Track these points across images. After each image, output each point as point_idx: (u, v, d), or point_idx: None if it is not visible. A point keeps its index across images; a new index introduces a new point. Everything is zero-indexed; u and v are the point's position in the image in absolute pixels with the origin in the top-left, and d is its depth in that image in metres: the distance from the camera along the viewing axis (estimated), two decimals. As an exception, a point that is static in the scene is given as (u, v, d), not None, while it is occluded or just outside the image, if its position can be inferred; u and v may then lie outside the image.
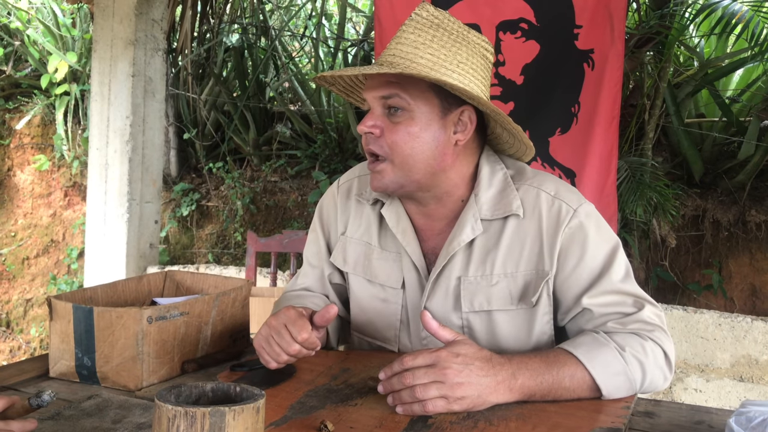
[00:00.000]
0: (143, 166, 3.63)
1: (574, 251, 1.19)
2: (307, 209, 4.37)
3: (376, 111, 1.20)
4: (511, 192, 1.23)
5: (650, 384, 1.13)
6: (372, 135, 1.20)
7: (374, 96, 1.20)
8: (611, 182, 2.87)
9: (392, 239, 1.30)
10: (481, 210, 1.22)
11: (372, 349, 1.37)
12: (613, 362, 1.09)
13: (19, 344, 4.91)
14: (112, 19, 3.56)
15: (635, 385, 1.11)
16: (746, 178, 3.39)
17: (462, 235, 1.22)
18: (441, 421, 1.00)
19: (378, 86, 1.19)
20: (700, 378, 2.67)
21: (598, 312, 1.17)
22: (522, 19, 2.89)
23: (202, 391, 0.81)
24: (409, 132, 1.17)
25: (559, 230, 1.19)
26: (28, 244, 5.13)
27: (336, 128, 4.32)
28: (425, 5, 1.20)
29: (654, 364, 1.13)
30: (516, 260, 1.21)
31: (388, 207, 1.29)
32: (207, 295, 1.30)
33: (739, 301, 3.43)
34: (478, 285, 1.22)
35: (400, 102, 1.17)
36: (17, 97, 5.28)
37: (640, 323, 1.15)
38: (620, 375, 1.09)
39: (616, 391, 1.10)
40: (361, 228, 1.35)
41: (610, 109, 2.86)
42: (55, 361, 1.20)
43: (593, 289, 1.18)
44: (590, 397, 1.10)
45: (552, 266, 1.19)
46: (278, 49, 4.71)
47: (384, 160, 1.20)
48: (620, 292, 1.18)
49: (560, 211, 1.20)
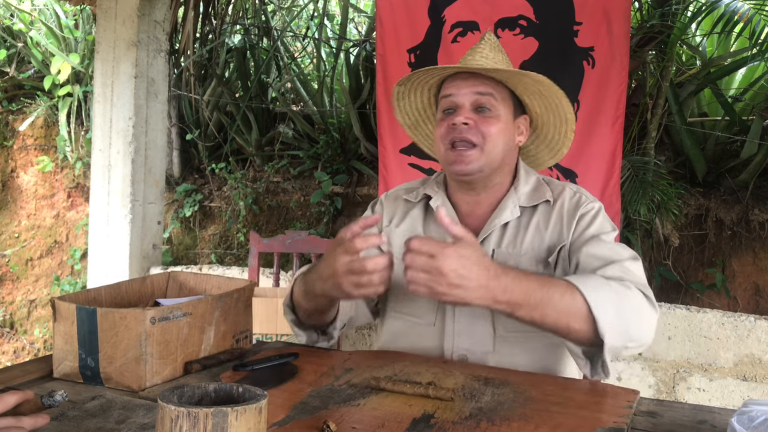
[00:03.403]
0: (146, 167, 3.64)
1: (584, 223, 1.42)
2: (309, 210, 4.37)
3: (465, 106, 1.42)
4: (544, 187, 1.49)
5: (639, 312, 1.23)
6: (467, 126, 1.41)
7: (469, 91, 1.42)
8: (615, 182, 2.86)
9: (436, 229, 1.49)
10: (520, 199, 1.47)
11: (406, 325, 1.49)
12: (602, 287, 1.21)
13: (23, 345, 4.93)
14: (114, 21, 3.57)
15: (624, 307, 1.20)
16: (749, 177, 3.39)
17: (502, 215, 1.45)
18: (443, 421, 1.01)
19: (475, 84, 1.42)
20: (703, 377, 2.66)
21: (588, 260, 1.34)
22: (521, 16, 2.89)
23: (205, 391, 0.81)
24: (494, 126, 1.42)
25: (577, 211, 1.43)
26: (31, 246, 5.14)
27: (339, 129, 4.32)
28: (490, 32, 1.50)
29: (636, 297, 1.24)
30: (542, 238, 1.44)
31: (435, 200, 1.51)
32: (210, 296, 1.30)
33: (742, 300, 3.42)
34: (509, 255, 1.43)
35: (491, 101, 1.42)
36: (20, 99, 5.30)
37: (624, 271, 1.29)
38: (608, 294, 1.20)
39: (605, 314, 1.17)
40: (407, 222, 1.55)
41: (613, 108, 2.85)
42: (59, 362, 1.20)
43: (590, 243, 1.37)
44: (580, 321, 1.17)
45: (568, 237, 1.41)
46: (280, 50, 4.72)
47: (475, 146, 1.41)
48: (610, 248, 1.35)
49: (579, 200, 1.45)
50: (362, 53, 4.27)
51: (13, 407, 0.90)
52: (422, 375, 1.22)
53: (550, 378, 1.26)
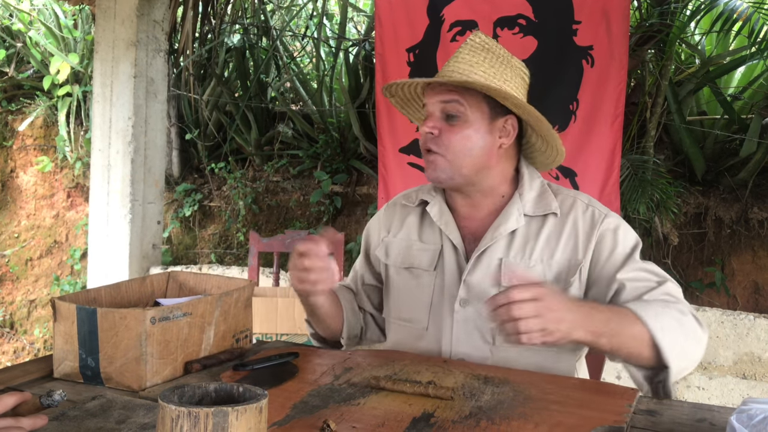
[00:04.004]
0: (145, 167, 3.64)
1: (608, 242, 1.41)
2: (309, 209, 4.37)
3: (435, 115, 1.42)
4: (549, 196, 1.47)
5: (694, 335, 1.25)
6: (431, 135, 1.41)
7: (436, 101, 1.42)
8: (614, 180, 2.87)
9: (431, 233, 1.51)
10: (525, 207, 1.45)
11: (403, 331, 1.52)
12: (662, 314, 1.23)
13: (23, 345, 4.93)
14: (113, 21, 3.57)
15: (684, 332, 1.23)
16: (748, 175, 3.39)
17: (507, 223, 1.43)
18: (443, 420, 1.01)
19: (441, 93, 1.41)
20: (703, 376, 2.67)
21: (631, 286, 1.35)
22: (520, 15, 2.89)
23: (205, 391, 0.82)
24: (462, 134, 1.40)
25: (594, 229, 1.42)
26: (31, 246, 5.14)
27: (338, 128, 4.32)
28: (478, 32, 1.47)
29: (691, 321, 1.27)
30: (552, 251, 1.42)
31: (432, 205, 1.51)
32: (210, 296, 1.30)
33: (741, 298, 3.42)
34: (518, 266, 1.42)
35: (458, 107, 1.40)
36: (20, 99, 5.30)
37: (667, 295, 1.32)
38: (669, 322, 1.23)
39: (668, 340, 1.20)
40: (403, 229, 1.56)
41: (613, 107, 2.85)
42: (59, 362, 1.20)
43: (626, 267, 1.37)
44: (647, 348, 1.20)
45: (586, 257, 1.40)
46: (279, 49, 4.72)
47: (440, 155, 1.41)
48: (646, 270, 1.38)
49: (594, 215, 1.44)
50: (361, 52, 4.27)
51: (12, 408, 0.90)
52: (422, 374, 1.22)
53: (549, 377, 1.26)
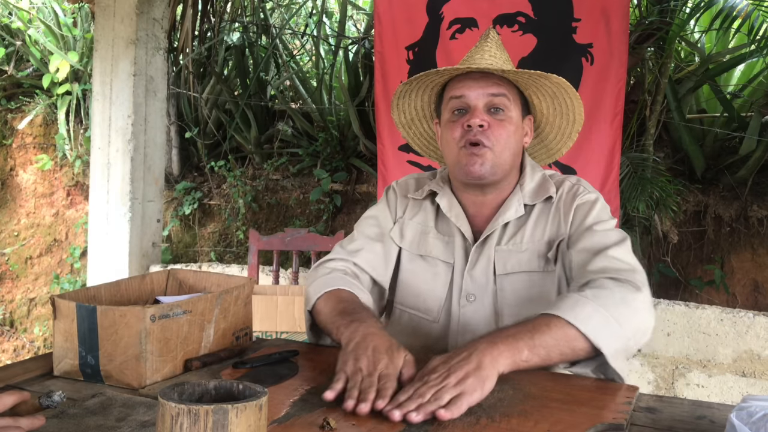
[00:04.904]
0: (145, 165, 3.64)
1: (582, 212, 1.42)
2: (308, 207, 4.37)
3: (479, 108, 1.39)
4: (548, 182, 1.48)
5: (626, 305, 1.19)
6: (481, 128, 1.38)
7: (482, 93, 1.39)
8: (614, 178, 2.87)
9: (446, 224, 1.50)
10: (525, 197, 1.45)
11: (412, 321, 1.49)
12: (580, 302, 1.18)
13: (23, 343, 4.93)
14: (113, 19, 3.57)
15: (609, 308, 1.17)
16: (748, 173, 3.39)
17: (506, 214, 1.44)
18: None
19: (488, 86, 1.39)
20: (702, 373, 2.67)
21: (577, 258, 1.34)
22: (519, 13, 2.89)
23: (205, 388, 0.82)
24: (508, 129, 1.40)
25: (573, 203, 1.43)
26: (31, 244, 5.14)
27: (337, 126, 4.32)
28: (492, 29, 1.46)
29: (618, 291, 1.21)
30: (542, 231, 1.43)
31: (441, 197, 1.50)
32: (210, 294, 1.30)
33: (741, 296, 3.42)
34: (509, 252, 1.43)
35: (505, 101, 1.39)
36: (19, 97, 5.29)
37: (611, 259, 1.29)
38: (593, 307, 1.17)
39: (592, 326, 1.15)
40: (419, 215, 1.54)
41: (612, 105, 2.85)
42: (59, 360, 1.20)
43: (584, 236, 1.37)
44: (578, 341, 1.15)
45: (566, 230, 1.41)
46: (279, 48, 4.72)
47: (488, 149, 1.39)
48: (599, 244, 1.34)
49: (576, 191, 1.45)
50: (361, 50, 4.27)
51: (10, 407, 0.90)
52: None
53: (549, 374, 1.26)
